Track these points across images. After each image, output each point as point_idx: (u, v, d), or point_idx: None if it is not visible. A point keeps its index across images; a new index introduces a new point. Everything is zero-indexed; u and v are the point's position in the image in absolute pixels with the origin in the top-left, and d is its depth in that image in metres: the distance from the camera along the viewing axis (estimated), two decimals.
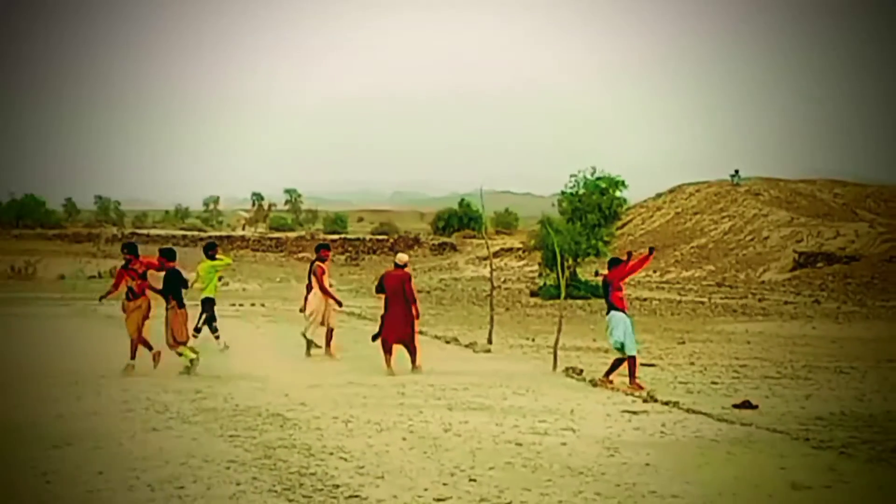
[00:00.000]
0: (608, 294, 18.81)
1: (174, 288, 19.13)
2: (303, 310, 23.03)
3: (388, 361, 20.29)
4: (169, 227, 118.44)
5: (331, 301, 22.60)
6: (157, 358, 18.76)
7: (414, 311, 20.45)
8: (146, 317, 18.97)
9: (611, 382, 18.12)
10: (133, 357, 18.84)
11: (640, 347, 18.60)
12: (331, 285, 23.02)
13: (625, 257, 19.42)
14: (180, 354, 18.91)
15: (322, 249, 23.63)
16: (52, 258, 57.86)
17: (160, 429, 13.53)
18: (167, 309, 18.96)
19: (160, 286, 19.24)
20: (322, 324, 22.28)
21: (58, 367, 18.61)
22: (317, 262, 22.79)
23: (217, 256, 24.49)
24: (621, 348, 18.31)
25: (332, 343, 22.44)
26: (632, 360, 18.14)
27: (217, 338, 23.70)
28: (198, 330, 23.54)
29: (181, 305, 18.96)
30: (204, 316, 23.84)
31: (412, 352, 20.38)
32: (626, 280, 19.44)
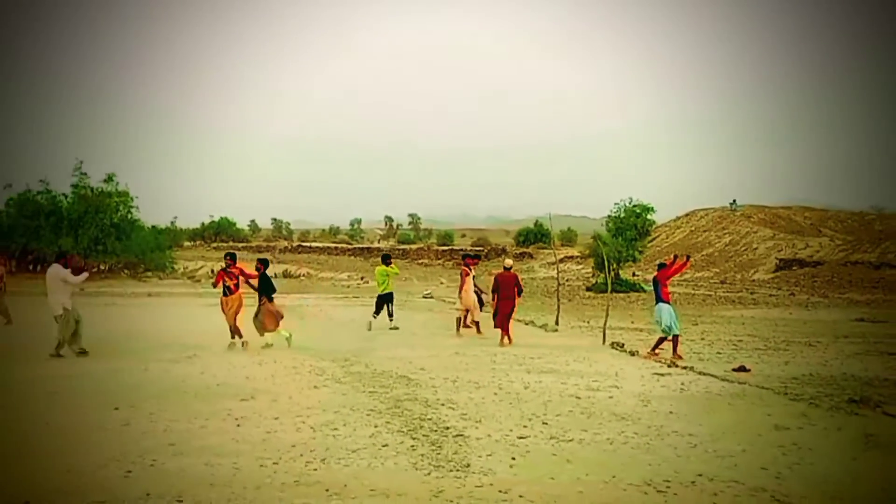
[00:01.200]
0: (658, 290, 18.69)
1: (266, 288, 19.21)
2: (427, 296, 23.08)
3: (503, 338, 20.28)
4: (325, 241, 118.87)
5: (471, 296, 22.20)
6: (245, 346, 18.74)
7: (517, 301, 20.50)
8: (237, 310, 18.95)
9: (656, 355, 17.97)
10: (233, 337, 18.81)
11: (665, 328, 18.45)
12: (476, 290, 22.49)
13: (670, 260, 19.21)
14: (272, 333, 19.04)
15: (466, 258, 23.38)
16: (241, 264, 58.42)
17: (319, 386, 13.69)
18: (259, 304, 19.01)
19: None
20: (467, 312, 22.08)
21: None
22: (462, 267, 22.68)
23: (390, 264, 24.54)
24: (668, 330, 18.20)
25: (462, 329, 22.14)
26: (676, 338, 18.00)
27: (377, 314, 23.69)
28: (390, 316, 23.70)
29: (270, 300, 19.00)
30: (387, 306, 23.70)
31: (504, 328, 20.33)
32: (670, 279, 19.22)
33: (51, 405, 11.89)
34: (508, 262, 21.89)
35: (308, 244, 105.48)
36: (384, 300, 23.76)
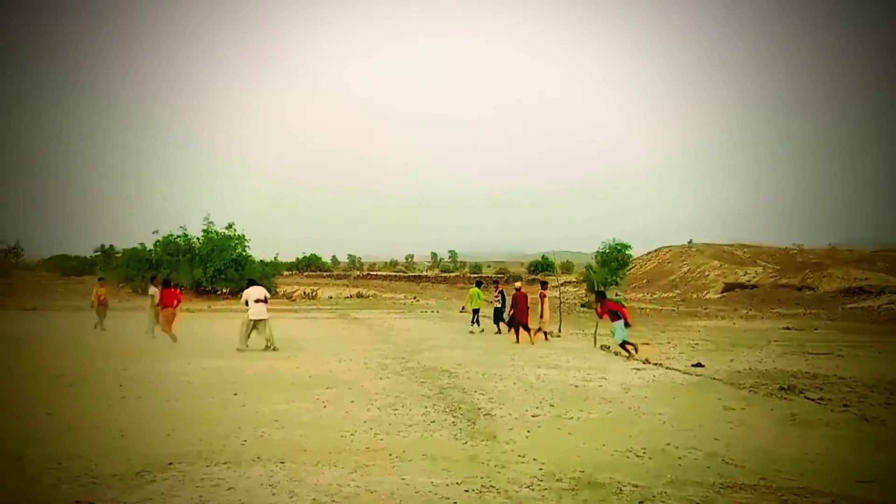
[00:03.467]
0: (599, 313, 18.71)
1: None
2: (463, 311, 23.07)
3: (516, 338, 20.96)
4: (386, 270, 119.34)
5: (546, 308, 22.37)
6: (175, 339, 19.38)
7: (529, 313, 21.26)
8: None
9: (628, 354, 17.75)
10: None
11: (640, 336, 18.32)
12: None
13: (605, 297, 19.00)
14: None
15: (542, 284, 23.55)
16: (325, 287, 58.78)
17: (384, 378, 13.70)
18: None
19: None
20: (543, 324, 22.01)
21: (328, 346, 18.90)
22: (542, 291, 22.82)
23: (481, 288, 26.30)
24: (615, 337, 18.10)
25: (538, 335, 21.72)
26: (624, 343, 17.72)
27: (476, 323, 24.69)
28: (476, 322, 24.78)
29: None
30: (475, 315, 24.84)
31: (527, 331, 20.90)
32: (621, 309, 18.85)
33: (187, 391, 11.99)
34: (518, 284, 22.27)
35: (374, 273, 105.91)
36: (476, 312, 24.89)
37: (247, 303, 18.48)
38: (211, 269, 43.60)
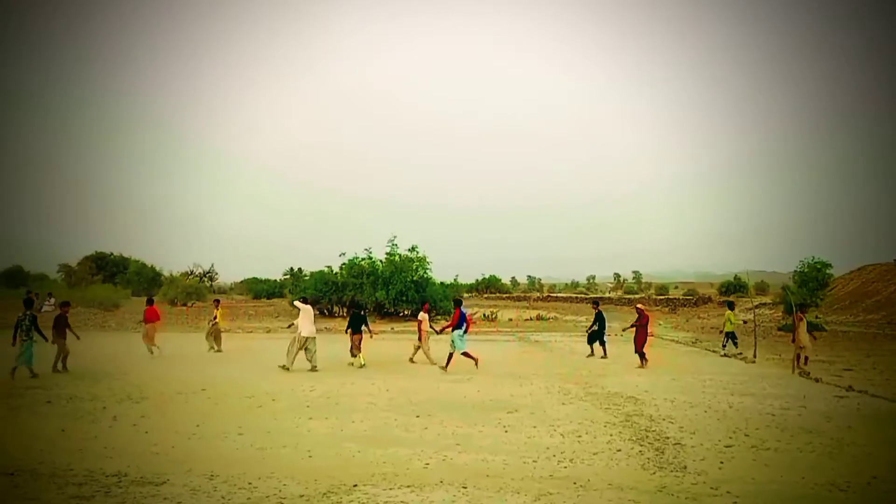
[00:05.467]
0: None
1: (355, 325, 19.96)
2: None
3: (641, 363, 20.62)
4: (567, 292, 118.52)
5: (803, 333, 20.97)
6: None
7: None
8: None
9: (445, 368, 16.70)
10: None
11: (840, 360, 17.19)
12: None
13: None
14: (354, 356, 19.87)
15: (799, 307, 23.00)
16: (505, 310, 59.12)
17: (566, 403, 13.57)
18: (352, 336, 19.91)
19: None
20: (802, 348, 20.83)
21: (508, 369, 18.92)
22: (798, 314, 22.00)
23: (733, 310, 26.36)
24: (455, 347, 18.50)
25: (800, 366, 20.04)
26: (451, 355, 18.55)
27: (727, 348, 24.57)
28: (734, 344, 24.80)
29: (357, 333, 19.83)
30: (732, 339, 24.95)
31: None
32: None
33: (372, 413, 12.38)
34: (640, 306, 21.85)
35: (555, 294, 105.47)
36: (730, 335, 24.86)
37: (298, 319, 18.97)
38: (393, 290, 44.94)
